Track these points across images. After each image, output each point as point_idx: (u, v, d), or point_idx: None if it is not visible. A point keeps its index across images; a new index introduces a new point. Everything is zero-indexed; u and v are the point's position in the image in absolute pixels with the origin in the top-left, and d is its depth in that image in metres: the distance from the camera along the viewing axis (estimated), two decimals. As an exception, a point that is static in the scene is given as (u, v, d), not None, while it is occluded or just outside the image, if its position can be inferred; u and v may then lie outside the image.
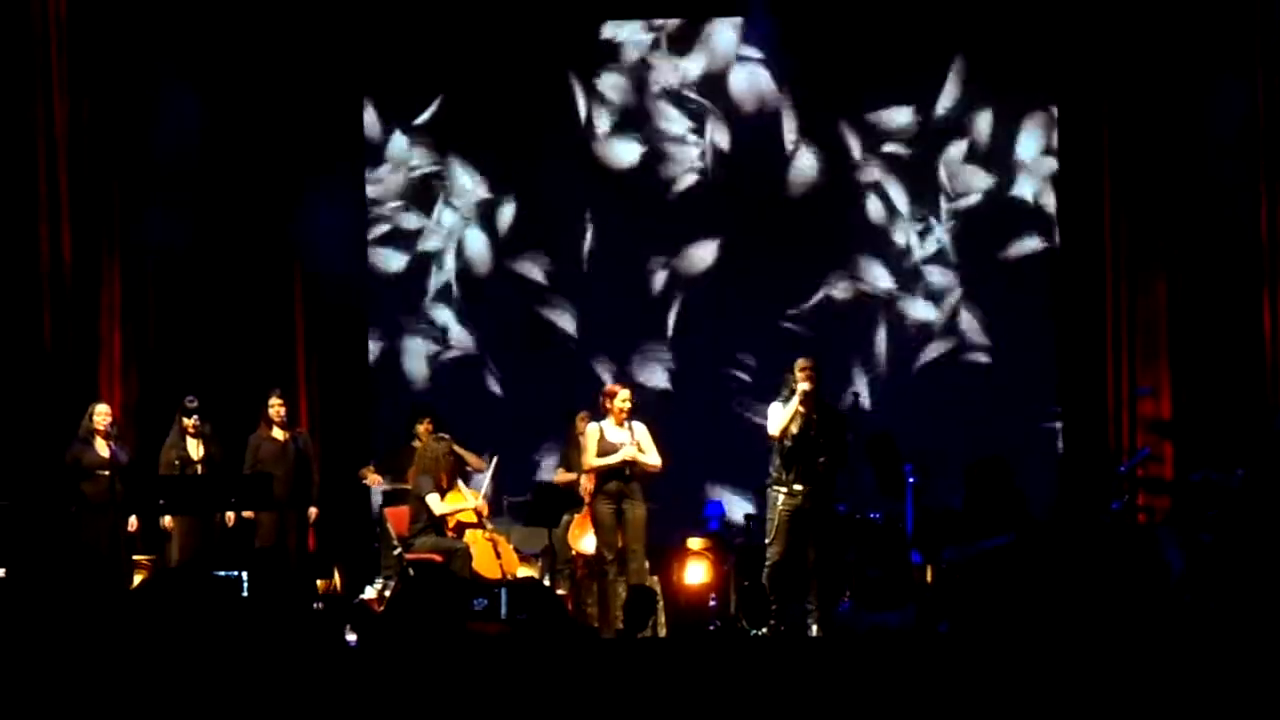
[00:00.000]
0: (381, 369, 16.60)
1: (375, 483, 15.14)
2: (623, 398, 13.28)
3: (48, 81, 15.03)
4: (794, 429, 12.69)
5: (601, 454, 13.16)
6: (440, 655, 6.50)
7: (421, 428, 14.90)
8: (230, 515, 13.86)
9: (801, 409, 12.68)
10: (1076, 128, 15.77)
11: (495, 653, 6.72)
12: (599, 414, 13.47)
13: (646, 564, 13.35)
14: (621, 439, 13.16)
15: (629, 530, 13.06)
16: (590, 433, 13.33)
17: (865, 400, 15.71)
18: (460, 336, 16.60)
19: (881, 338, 16.22)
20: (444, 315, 16.62)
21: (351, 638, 9.87)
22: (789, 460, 12.69)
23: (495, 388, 16.51)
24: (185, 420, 13.92)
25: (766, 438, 12.90)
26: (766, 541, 12.83)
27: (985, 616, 9.53)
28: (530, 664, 6.70)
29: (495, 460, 14.62)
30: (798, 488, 12.67)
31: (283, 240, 15.93)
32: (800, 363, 12.83)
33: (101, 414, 13.85)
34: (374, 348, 16.59)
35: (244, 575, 11.89)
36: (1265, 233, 15.00)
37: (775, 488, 12.75)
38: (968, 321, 16.14)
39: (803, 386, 12.68)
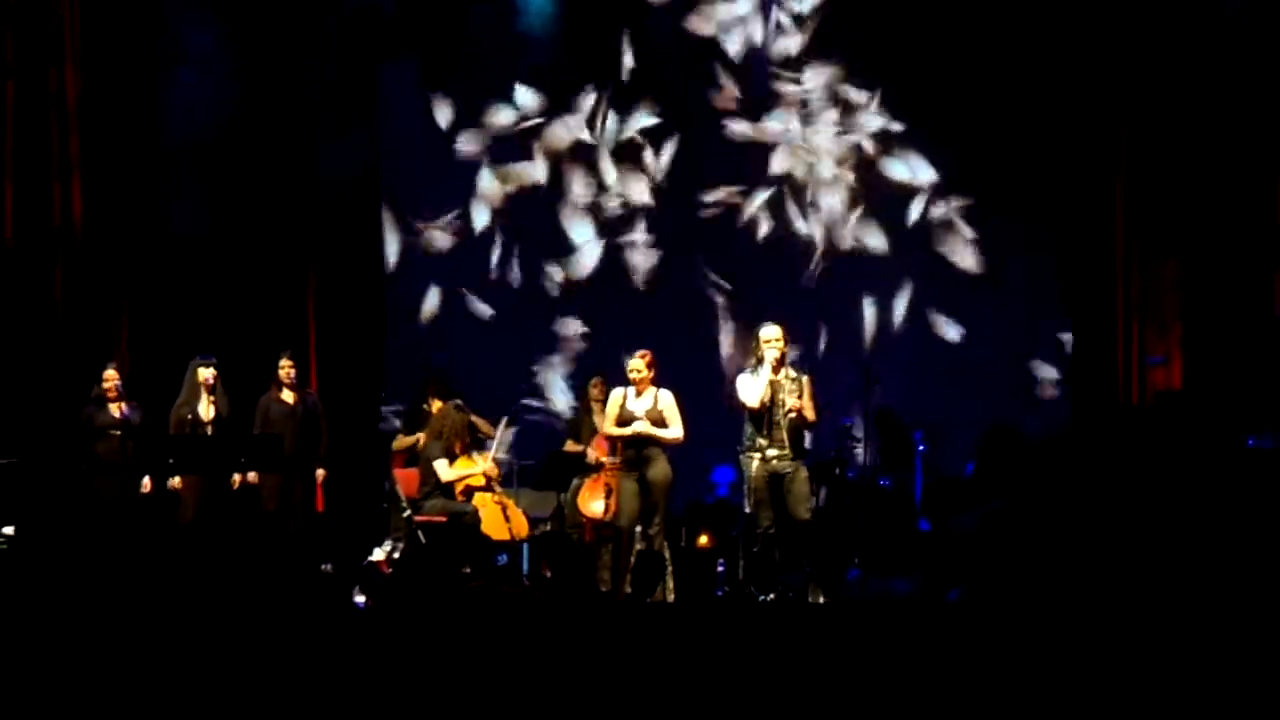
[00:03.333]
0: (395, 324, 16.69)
1: (411, 442, 14.98)
2: (631, 366, 12.95)
3: (60, 51, 15.03)
4: (765, 396, 12.61)
5: (620, 422, 12.92)
6: (448, 614, 6.53)
7: (431, 393, 14.92)
8: (237, 477, 13.89)
9: (774, 377, 12.60)
10: (1090, 102, 15.74)
11: (507, 612, 6.75)
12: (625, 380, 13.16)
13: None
14: (642, 407, 12.90)
15: (652, 490, 12.87)
16: (612, 398, 13.06)
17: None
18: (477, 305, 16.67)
19: (901, 304, 16.27)
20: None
21: (361, 599, 9.92)
22: (758, 426, 12.60)
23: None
24: (201, 374, 13.90)
25: (739, 406, 12.82)
26: (746, 509, 12.73)
27: (992, 583, 9.55)
28: (541, 625, 6.72)
29: (504, 422, 14.59)
30: (771, 453, 12.58)
31: (296, 200, 15.96)
32: (764, 334, 12.70)
33: (110, 378, 13.85)
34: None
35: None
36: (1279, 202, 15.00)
37: (749, 454, 12.65)
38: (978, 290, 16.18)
39: (771, 356, 12.58)
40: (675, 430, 12.94)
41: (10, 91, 14.81)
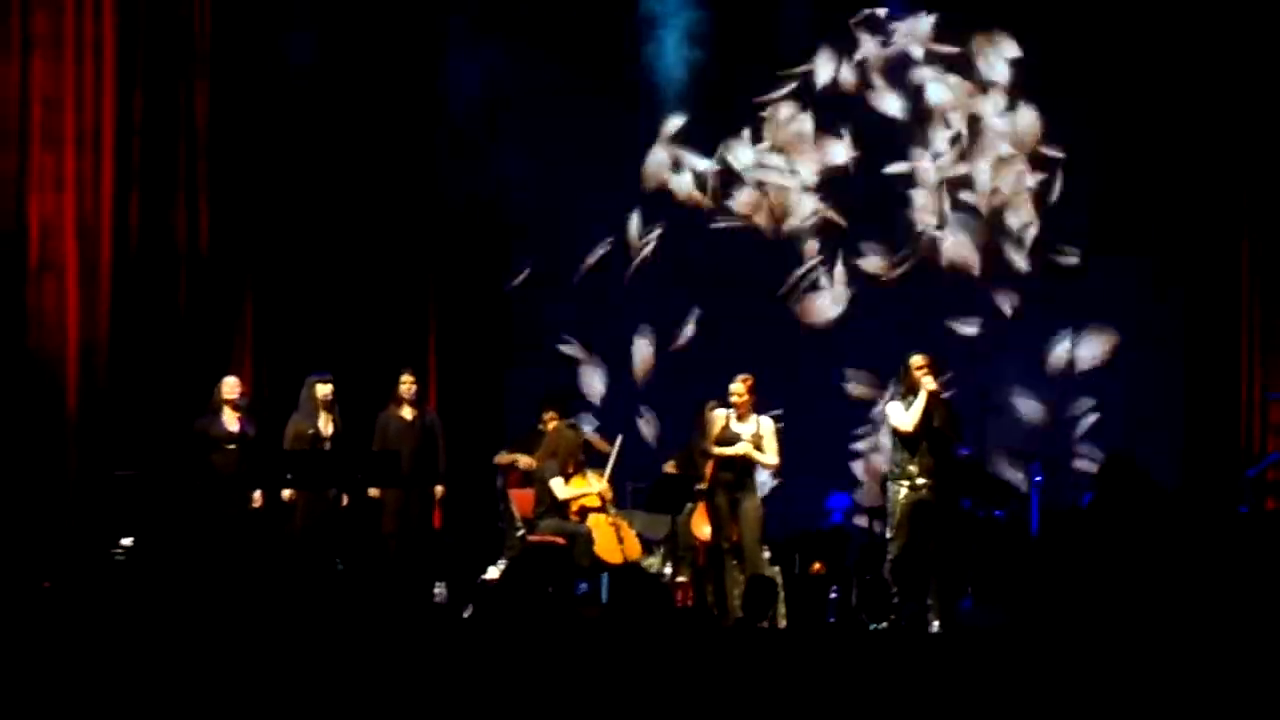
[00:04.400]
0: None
1: (526, 465, 15.02)
2: (733, 390, 13.06)
3: (190, 67, 15.21)
4: (919, 422, 12.61)
5: (721, 442, 13.02)
6: (541, 633, 6.53)
7: (547, 415, 14.96)
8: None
9: (924, 405, 12.59)
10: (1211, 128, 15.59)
11: (597, 635, 6.73)
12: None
13: (766, 554, 13.29)
14: (746, 431, 13.01)
15: (743, 522, 12.95)
16: (714, 418, 13.16)
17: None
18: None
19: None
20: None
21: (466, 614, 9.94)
22: (911, 453, 12.60)
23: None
24: (319, 390, 13.99)
25: (892, 432, 12.80)
26: (888, 535, 12.76)
27: (1097, 612, 9.45)
28: (629, 650, 6.70)
29: (620, 441, 14.61)
30: (920, 481, 12.58)
31: (418, 214, 16.09)
32: (916, 360, 12.71)
33: (230, 385, 13.95)
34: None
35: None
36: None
37: (898, 481, 12.66)
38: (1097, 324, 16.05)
39: (928, 384, 12.57)
40: (772, 458, 13.01)
41: (139, 104, 14.96)
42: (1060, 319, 16.17)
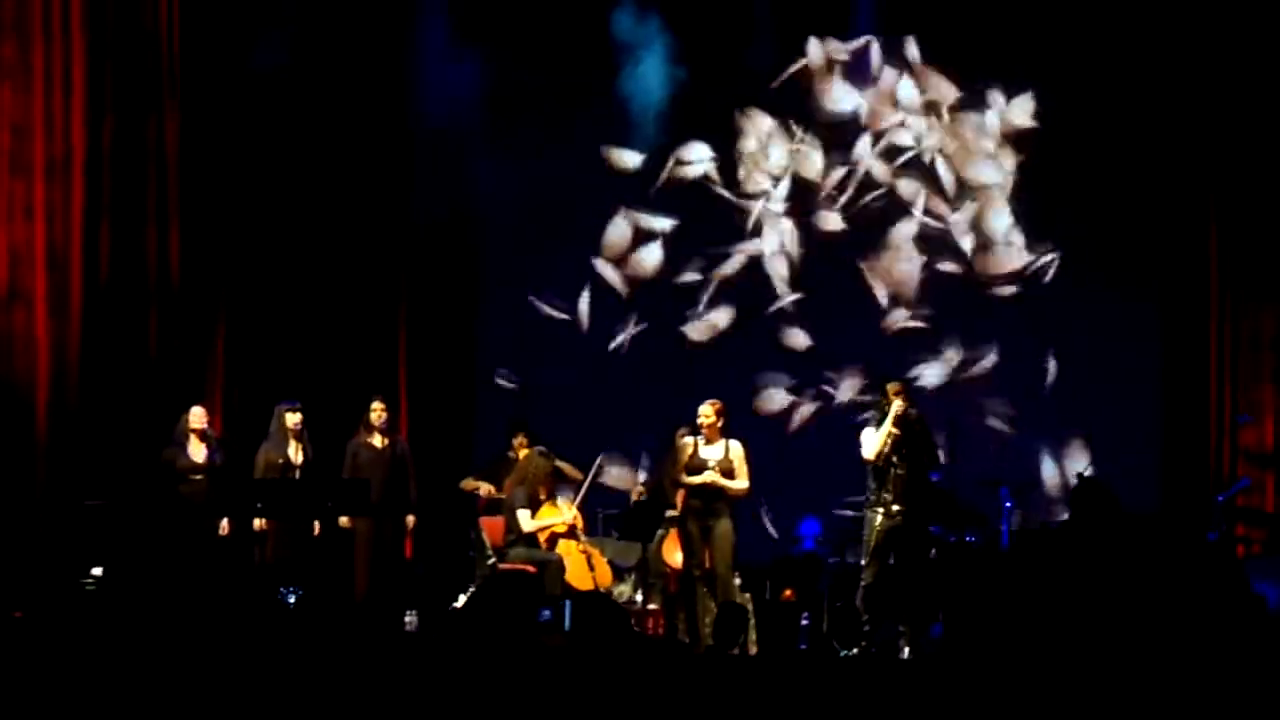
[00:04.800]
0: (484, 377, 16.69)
1: (488, 492, 15.04)
2: (702, 413, 12.99)
3: (158, 95, 15.19)
4: (888, 449, 12.63)
5: (690, 470, 12.95)
6: (507, 660, 6.52)
7: (517, 441, 14.97)
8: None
9: (895, 430, 12.61)
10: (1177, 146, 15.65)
11: (560, 663, 6.72)
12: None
13: (737, 580, 13.26)
14: (714, 457, 12.97)
15: (715, 547, 12.92)
16: (683, 446, 13.09)
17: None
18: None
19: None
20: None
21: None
22: (883, 481, 12.62)
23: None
24: (289, 419, 13.97)
25: (862, 461, 12.81)
26: (863, 562, 12.76)
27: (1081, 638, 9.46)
28: (599, 677, 6.69)
29: (599, 461, 14.56)
30: (895, 508, 12.59)
31: (389, 241, 16.07)
32: (892, 385, 12.78)
33: (196, 416, 13.90)
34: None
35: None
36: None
37: (874, 509, 12.66)
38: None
39: (895, 406, 12.61)
40: (742, 483, 12.98)
41: (108, 131, 14.96)
42: (1032, 342, 16.14)
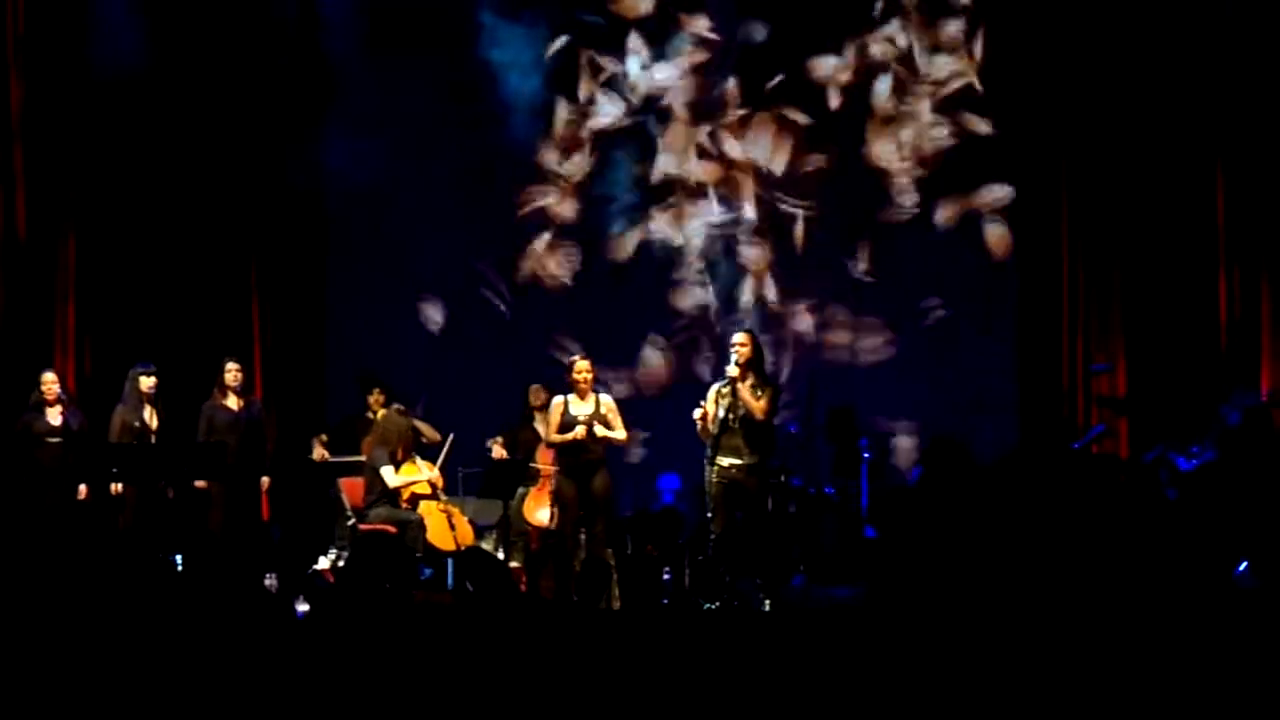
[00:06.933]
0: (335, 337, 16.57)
1: (321, 457, 15.02)
2: (579, 369, 13.00)
3: (3, 52, 14.91)
4: (722, 405, 12.62)
5: (563, 428, 12.95)
6: (389, 624, 6.49)
7: (373, 398, 14.92)
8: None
9: (725, 389, 12.60)
10: (1033, 102, 15.79)
11: (445, 622, 6.70)
12: (564, 388, 13.18)
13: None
14: (585, 412, 12.98)
15: (595, 499, 12.93)
16: (554, 405, 13.09)
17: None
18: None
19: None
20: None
21: (303, 608, 9.85)
22: (717, 435, 12.58)
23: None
24: (143, 382, 13.80)
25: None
26: (708, 515, 12.74)
27: (936, 588, 9.55)
28: (480, 634, 6.68)
29: (452, 437, 14.55)
30: (725, 462, 12.57)
31: (240, 208, 15.89)
32: (733, 339, 12.77)
33: (49, 382, 13.76)
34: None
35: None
36: (1221, 210, 15.05)
37: (711, 463, 12.63)
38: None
39: (729, 370, 12.59)
40: (621, 432, 13.01)
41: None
42: (896, 296, 16.23)
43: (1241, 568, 10.74)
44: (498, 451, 14.64)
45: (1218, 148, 15.06)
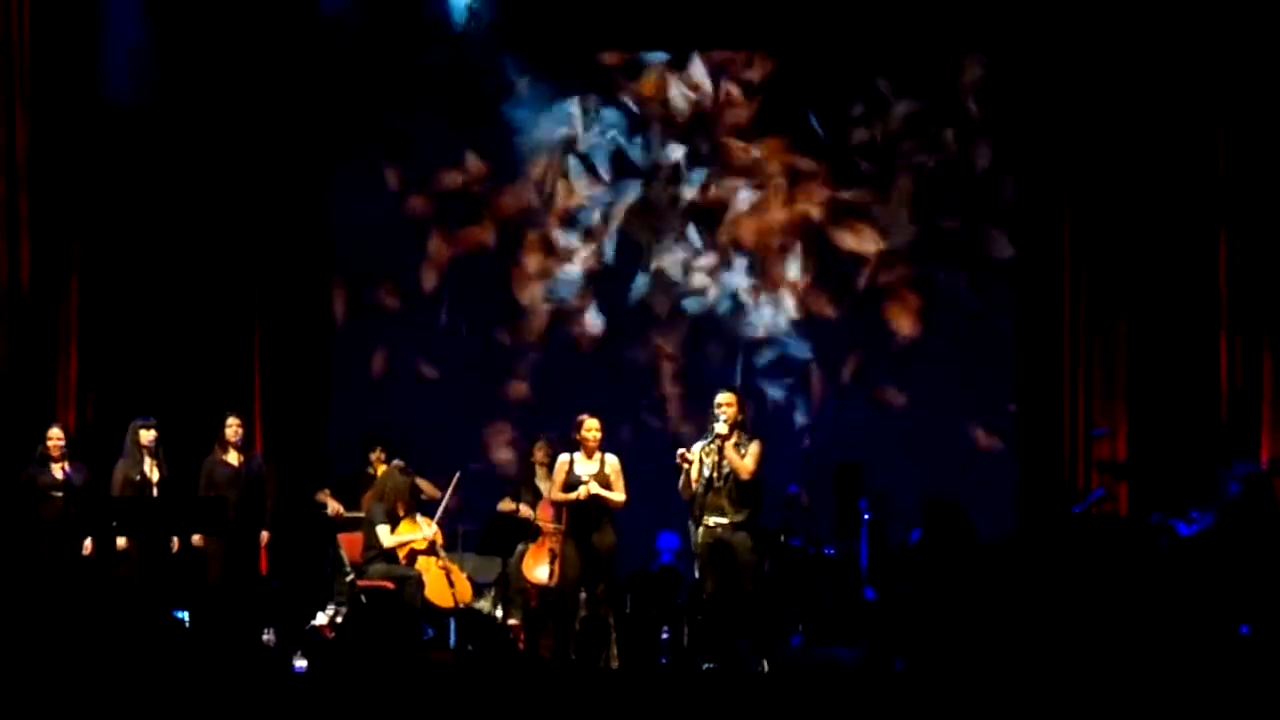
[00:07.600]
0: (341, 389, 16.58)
1: (336, 511, 15.01)
2: (588, 427, 12.93)
3: (9, 103, 14.93)
4: (706, 463, 12.61)
5: (566, 488, 12.90)
6: (390, 682, 6.49)
7: (374, 455, 14.92)
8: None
9: (711, 447, 12.57)
10: (1037, 167, 15.83)
11: (444, 680, 6.70)
12: (570, 445, 13.13)
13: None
14: (589, 471, 12.93)
15: (598, 557, 12.86)
16: (559, 463, 13.04)
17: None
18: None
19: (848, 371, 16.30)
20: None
21: (301, 664, 9.85)
22: (702, 493, 12.55)
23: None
24: (143, 435, 13.80)
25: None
26: (697, 576, 12.71)
27: (938, 651, 9.55)
28: (480, 693, 6.68)
29: (459, 475, 14.48)
30: (711, 521, 12.54)
31: (244, 262, 15.92)
32: (718, 399, 12.65)
33: (55, 437, 13.74)
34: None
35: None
36: (1224, 278, 15.06)
37: (697, 522, 12.59)
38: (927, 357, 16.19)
39: (717, 428, 12.56)
40: (620, 495, 12.97)
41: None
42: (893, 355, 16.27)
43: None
44: (504, 506, 14.61)
45: (1220, 215, 15.08)
